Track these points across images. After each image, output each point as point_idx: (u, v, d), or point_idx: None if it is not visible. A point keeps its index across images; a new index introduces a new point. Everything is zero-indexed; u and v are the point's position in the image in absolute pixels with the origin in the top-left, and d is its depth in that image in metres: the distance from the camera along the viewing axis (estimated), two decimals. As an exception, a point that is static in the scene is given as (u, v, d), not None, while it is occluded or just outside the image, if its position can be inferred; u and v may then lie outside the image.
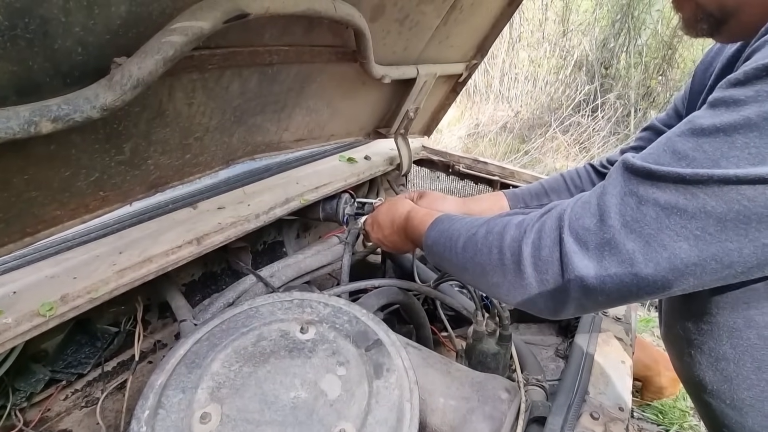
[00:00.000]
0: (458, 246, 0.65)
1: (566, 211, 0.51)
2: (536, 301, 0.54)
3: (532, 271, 0.52)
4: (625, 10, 5.17)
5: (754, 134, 0.38)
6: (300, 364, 0.65)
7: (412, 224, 0.82)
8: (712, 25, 0.53)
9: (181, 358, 0.64)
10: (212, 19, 0.56)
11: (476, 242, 0.62)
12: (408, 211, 0.86)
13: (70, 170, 0.62)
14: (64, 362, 0.82)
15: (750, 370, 0.56)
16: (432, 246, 0.73)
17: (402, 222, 0.86)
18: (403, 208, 0.88)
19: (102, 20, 0.51)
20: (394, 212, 0.89)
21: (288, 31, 0.79)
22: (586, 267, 0.47)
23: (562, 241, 0.49)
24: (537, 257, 0.52)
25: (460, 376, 0.80)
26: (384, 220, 0.91)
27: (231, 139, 0.90)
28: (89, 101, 0.52)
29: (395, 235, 0.88)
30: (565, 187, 0.99)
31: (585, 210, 0.48)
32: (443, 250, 0.69)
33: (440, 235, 0.71)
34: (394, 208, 0.90)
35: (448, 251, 0.68)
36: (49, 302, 0.63)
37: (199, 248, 0.81)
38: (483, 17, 1.29)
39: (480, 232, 0.62)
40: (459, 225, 0.68)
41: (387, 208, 0.92)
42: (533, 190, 1.02)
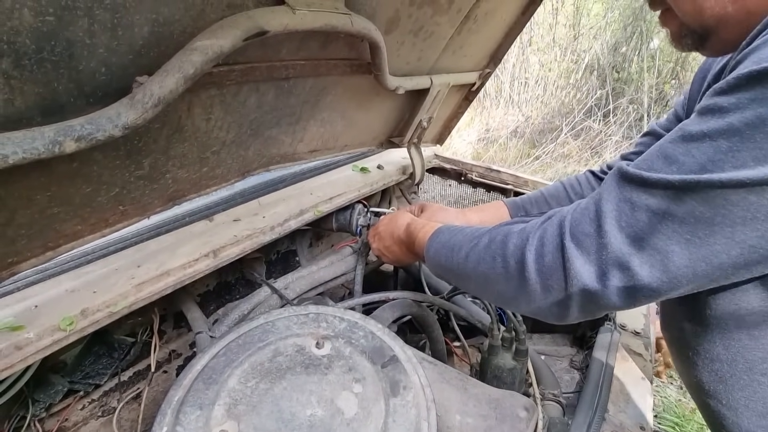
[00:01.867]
0: (460, 256, 0.66)
1: (566, 217, 0.52)
2: (541, 307, 0.55)
3: (536, 277, 0.53)
4: (637, 14, 5.11)
5: (736, 139, 0.40)
6: (316, 380, 0.65)
7: (413, 236, 0.84)
8: (696, 41, 0.55)
9: (198, 373, 0.64)
10: (232, 38, 0.57)
11: (479, 251, 0.63)
12: (408, 223, 0.88)
13: (92, 186, 0.63)
14: (82, 373, 0.83)
15: (742, 371, 0.57)
16: (434, 257, 0.74)
17: (401, 234, 0.88)
18: (403, 220, 0.90)
19: (125, 41, 0.52)
20: (393, 224, 0.92)
21: (305, 45, 0.79)
22: (587, 272, 0.48)
23: (564, 247, 0.50)
24: (541, 264, 0.53)
25: (477, 393, 0.78)
26: (384, 232, 0.94)
27: (247, 152, 0.91)
28: (111, 120, 0.52)
29: (395, 246, 0.91)
30: (565, 194, 1.01)
31: (584, 216, 0.50)
32: (445, 260, 0.70)
33: (442, 246, 0.72)
34: (394, 220, 0.93)
35: (450, 261, 0.69)
36: (70, 316, 0.63)
37: (215, 261, 0.81)
38: (496, 27, 1.29)
39: (482, 241, 0.63)
40: (460, 235, 0.70)
41: (388, 220, 0.96)
42: (533, 198, 1.04)
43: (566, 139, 5.18)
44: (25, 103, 0.48)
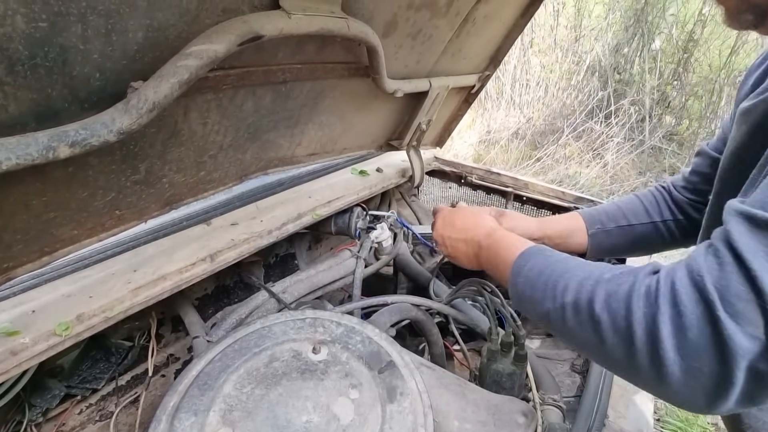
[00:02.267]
0: (564, 298, 0.53)
1: (703, 276, 0.41)
2: (680, 393, 0.43)
3: (674, 356, 0.41)
4: (638, 15, 5.10)
5: None
6: (312, 386, 0.64)
7: (494, 247, 0.72)
8: (758, 17, 0.51)
9: (193, 379, 0.63)
10: (227, 42, 0.57)
11: (591, 302, 0.49)
12: (492, 228, 0.76)
13: (88, 191, 0.63)
14: (80, 377, 0.83)
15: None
16: (523, 287, 0.61)
17: (480, 237, 0.76)
18: (486, 222, 0.79)
19: (119, 46, 0.52)
20: (473, 221, 0.81)
21: (301, 49, 0.79)
22: (758, 348, 0.38)
23: (718, 320, 0.39)
24: (682, 340, 0.41)
25: (476, 398, 0.78)
26: (459, 223, 0.83)
27: (245, 155, 0.91)
28: (106, 126, 0.52)
29: (464, 245, 0.80)
30: (643, 209, 0.92)
31: (729, 276, 0.40)
32: (541, 296, 0.57)
33: (538, 276, 0.59)
34: (477, 216, 0.82)
35: (548, 300, 0.55)
36: (65, 322, 0.63)
37: (212, 265, 0.81)
38: (496, 29, 1.28)
39: (598, 291, 0.49)
40: (561, 268, 0.57)
41: (470, 212, 0.85)
42: (610, 211, 0.94)
43: (568, 140, 5.17)
44: (19, 109, 0.48)
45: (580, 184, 4.58)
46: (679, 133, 5.15)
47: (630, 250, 0.96)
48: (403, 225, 1.35)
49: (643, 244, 0.92)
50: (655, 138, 4.85)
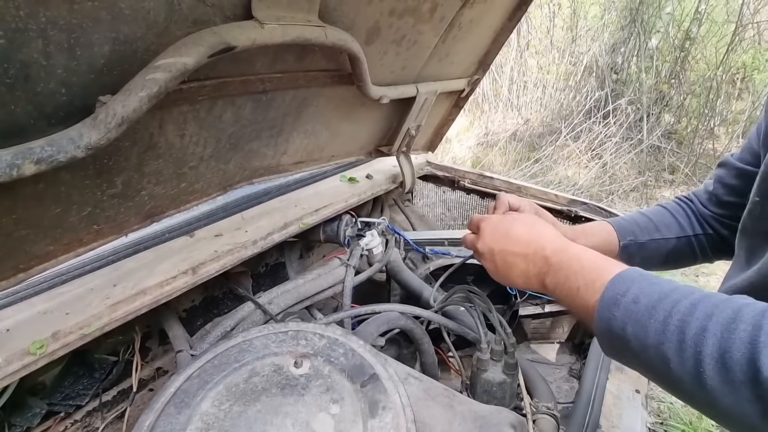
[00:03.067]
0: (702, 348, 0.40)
1: None
2: None
3: None
4: (634, 15, 5.10)
5: None
6: (292, 402, 0.63)
7: (566, 263, 0.57)
8: None
9: (170, 396, 0.62)
10: (196, 55, 0.56)
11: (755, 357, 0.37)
12: (562, 240, 0.61)
13: (61, 207, 0.62)
14: (62, 394, 0.82)
15: None
16: (621, 319, 0.47)
17: (547, 251, 0.60)
18: (552, 234, 0.63)
19: (85, 60, 0.51)
20: (539, 232, 0.64)
21: (280, 58, 0.78)
22: None
23: None
24: None
25: (464, 410, 0.76)
26: (518, 233, 0.65)
27: (227, 165, 0.90)
28: (73, 141, 0.51)
29: (523, 260, 0.63)
30: (676, 223, 0.87)
31: None
32: (654, 337, 0.44)
33: (647, 311, 0.45)
34: (540, 226, 0.65)
35: (667, 343, 0.43)
36: (40, 340, 0.62)
37: (194, 278, 0.80)
38: (483, 33, 1.27)
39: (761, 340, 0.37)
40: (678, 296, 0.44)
41: (530, 221, 0.67)
42: (641, 223, 0.88)
43: (566, 141, 5.16)
44: (-18, 126, 0.48)
45: (579, 185, 4.57)
46: (677, 131, 5.12)
47: (660, 264, 0.90)
48: (394, 231, 1.33)
49: (674, 258, 0.88)
50: (653, 137, 4.84)
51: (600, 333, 0.50)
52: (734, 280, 0.65)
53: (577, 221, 1.48)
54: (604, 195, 4.48)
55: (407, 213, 1.66)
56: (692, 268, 3.46)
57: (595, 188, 4.57)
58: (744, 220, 0.68)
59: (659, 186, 4.61)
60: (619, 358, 0.51)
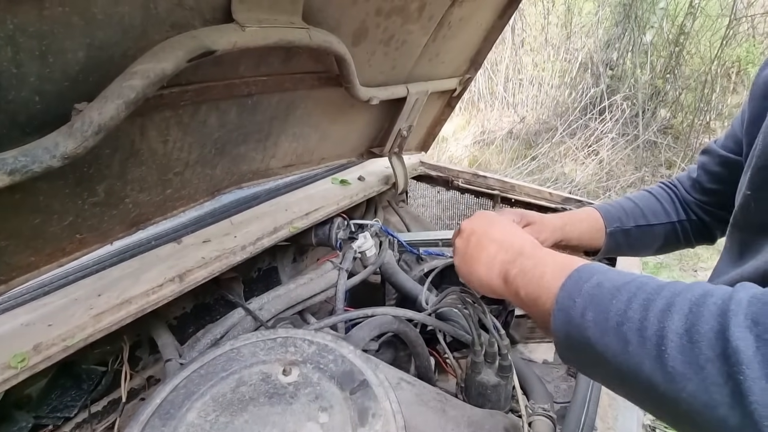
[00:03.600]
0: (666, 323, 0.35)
1: None
2: None
3: None
4: (628, 10, 5.10)
5: None
6: (280, 411, 0.62)
7: (540, 254, 0.54)
8: None
9: (156, 408, 0.61)
10: (174, 60, 0.55)
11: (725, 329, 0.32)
12: (525, 242, 0.57)
13: (40, 217, 0.61)
14: (49, 407, 0.80)
15: None
16: (577, 325, 0.42)
17: (518, 242, 0.57)
18: (529, 237, 0.59)
19: (59, 68, 0.50)
20: (517, 228, 0.63)
21: (264, 61, 0.77)
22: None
23: None
24: None
25: (456, 415, 0.75)
26: (496, 220, 0.63)
27: (214, 170, 0.89)
28: (48, 151, 0.50)
29: (493, 243, 0.60)
30: (662, 208, 0.87)
31: None
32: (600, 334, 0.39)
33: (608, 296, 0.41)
34: (510, 231, 0.61)
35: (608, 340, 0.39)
36: (21, 353, 0.61)
37: (181, 285, 0.79)
38: (473, 32, 1.26)
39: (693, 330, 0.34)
40: (638, 282, 0.40)
41: (502, 228, 0.62)
42: (627, 209, 0.87)
43: (562, 138, 5.16)
44: (-48, 137, 0.46)
45: (576, 182, 4.56)
46: (673, 126, 5.13)
47: (645, 250, 0.91)
48: (388, 233, 1.32)
49: (659, 244, 0.88)
50: (649, 132, 4.84)
51: (557, 325, 0.44)
52: (727, 275, 0.64)
53: (571, 219, 1.48)
54: (602, 191, 4.48)
55: (401, 214, 1.65)
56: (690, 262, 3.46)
57: (593, 185, 4.57)
58: (735, 214, 0.67)
59: (656, 181, 4.60)
60: (576, 354, 0.44)
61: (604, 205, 0.90)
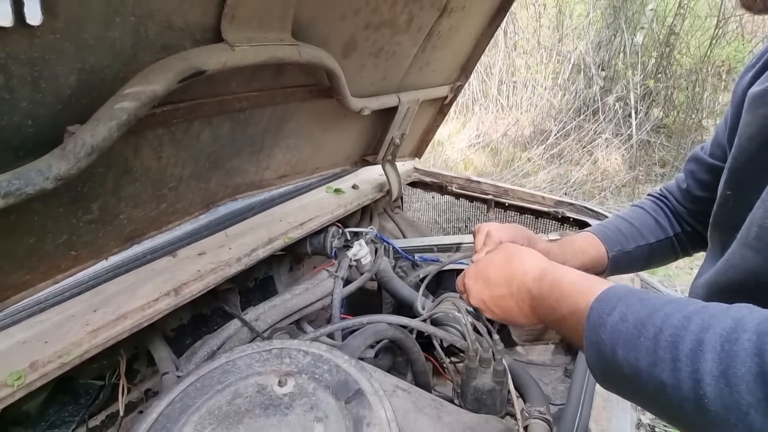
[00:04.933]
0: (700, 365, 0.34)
1: None
2: None
3: None
4: (618, 12, 5.15)
5: None
6: (276, 422, 0.62)
7: (547, 291, 0.54)
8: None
9: (152, 423, 0.62)
10: (165, 81, 0.56)
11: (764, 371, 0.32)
12: (540, 267, 0.59)
13: (35, 236, 0.62)
14: (47, 423, 0.81)
15: None
16: (608, 341, 0.41)
17: (528, 283, 0.58)
18: (530, 262, 0.61)
19: (51, 92, 0.51)
20: (514, 266, 0.62)
21: (256, 77, 0.78)
22: None
23: None
24: None
25: (451, 421, 0.76)
26: (497, 276, 0.63)
27: (208, 184, 0.90)
28: (42, 173, 0.51)
29: (512, 300, 0.61)
30: (657, 225, 0.87)
31: None
32: (646, 357, 0.38)
33: (636, 329, 0.40)
34: (515, 259, 0.63)
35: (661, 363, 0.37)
36: (18, 371, 0.61)
37: (177, 299, 0.80)
38: (463, 40, 1.28)
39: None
40: (668, 310, 0.39)
41: (504, 258, 0.65)
42: (625, 231, 0.86)
43: (556, 139, 5.19)
44: (-53, 162, 0.47)
45: (571, 182, 4.59)
46: (666, 125, 5.17)
47: (644, 266, 0.91)
48: (383, 240, 1.33)
49: (657, 259, 0.89)
50: (642, 132, 4.87)
51: (591, 361, 0.45)
52: (707, 273, 0.66)
53: (564, 222, 1.49)
54: (597, 191, 4.50)
55: (397, 221, 1.66)
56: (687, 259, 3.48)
57: (588, 185, 4.59)
58: (715, 214, 0.69)
59: (650, 180, 4.64)
60: (616, 388, 0.44)
61: (602, 228, 0.89)
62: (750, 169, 0.59)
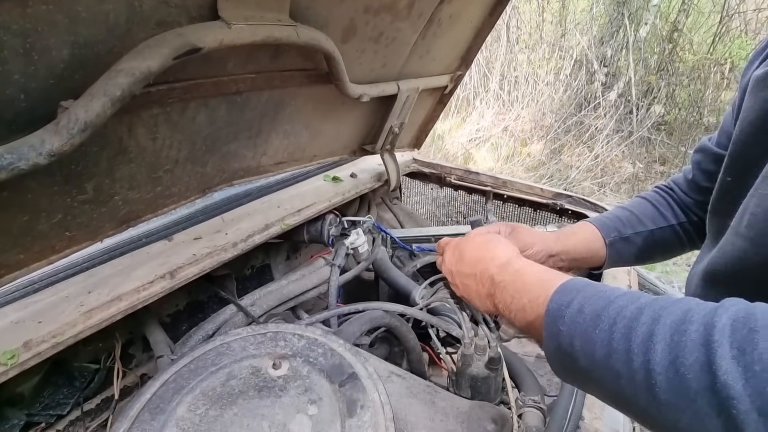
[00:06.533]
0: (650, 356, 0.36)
1: None
2: None
3: None
4: (621, 8, 5.12)
5: None
6: (269, 404, 0.62)
7: (509, 281, 0.55)
8: None
9: (145, 403, 0.61)
10: (160, 57, 0.55)
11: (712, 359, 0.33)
12: (506, 257, 0.59)
13: (29, 215, 0.61)
14: (41, 404, 0.81)
15: None
16: (566, 333, 0.43)
17: (491, 269, 0.59)
18: (500, 251, 0.61)
19: (43, 65, 0.50)
20: (485, 251, 0.63)
21: (253, 59, 0.77)
22: None
23: None
24: None
25: (445, 406, 0.76)
26: (469, 255, 0.65)
27: (205, 168, 0.89)
28: (35, 148, 0.51)
29: (473, 280, 0.62)
30: (658, 213, 0.86)
31: None
32: (602, 348, 0.40)
33: (593, 321, 0.41)
34: (490, 244, 0.64)
35: (615, 354, 0.38)
36: (11, 350, 0.61)
37: (172, 282, 0.79)
38: (464, 29, 1.27)
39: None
40: (624, 301, 0.41)
41: (481, 242, 0.67)
42: (623, 217, 0.86)
43: (557, 134, 5.18)
44: (-63, 135, 0.47)
45: (571, 178, 4.58)
46: (667, 122, 5.16)
47: (649, 257, 0.88)
48: (380, 230, 1.33)
49: (662, 249, 0.86)
50: (643, 129, 4.86)
51: (550, 353, 0.45)
52: (703, 263, 0.65)
53: (563, 214, 1.49)
54: (597, 188, 4.50)
55: (395, 211, 1.65)
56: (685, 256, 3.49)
57: (588, 181, 4.59)
58: (713, 202, 0.68)
59: (650, 177, 4.63)
60: (573, 379, 0.45)
61: (600, 217, 0.88)
62: (750, 154, 0.59)
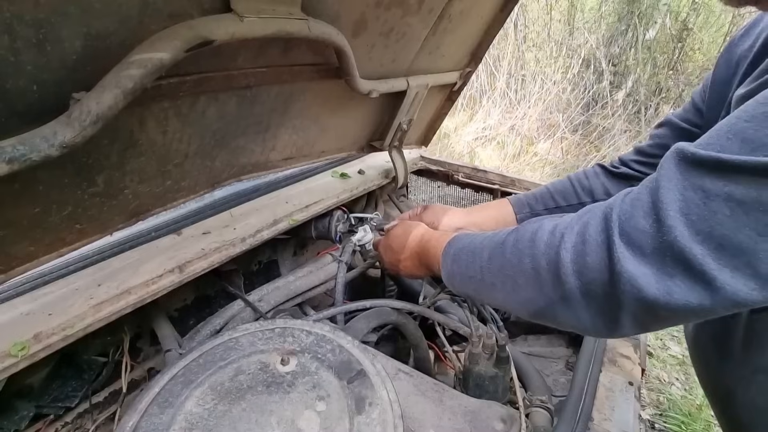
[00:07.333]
0: (482, 259, 0.59)
1: (613, 209, 0.44)
2: (580, 317, 0.47)
3: (574, 280, 0.45)
4: (631, 6, 5.06)
5: None
6: (278, 399, 0.62)
7: (427, 247, 0.77)
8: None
9: (154, 396, 0.61)
10: (172, 49, 0.55)
11: (504, 253, 0.55)
12: (422, 234, 0.81)
13: (40, 206, 0.61)
14: (51, 396, 0.81)
15: None
16: (451, 266, 0.67)
17: (415, 246, 0.81)
18: (417, 231, 0.83)
19: (56, 56, 0.50)
20: (406, 236, 0.84)
21: (263, 52, 0.77)
22: (643, 275, 0.40)
23: (612, 244, 0.42)
24: (581, 264, 0.44)
25: (453, 405, 0.76)
26: (397, 245, 0.85)
27: (214, 162, 0.89)
28: (47, 140, 0.50)
29: (409, 260, 0.83)
30: (572, 189, 0.93)
31: (636, 208, 0.42)
32: (465, 267, 0.63)
33: (460, 252, 0.65)
34: (406, 231, 0.85)
35: (470, 268, 0.61)
36: (21, 342, 0.61)
37: (180, 276, 0.79)
38: (474, 25, 1.26)
39: (507, 240, 0.55)
40: (481, 238, 0.63)
41: (401, 231, 0.87)
42: (538, 194, 0.97)
43: (564, 134, 5.14)
44: (-49, 125, 0.47)
45: (578, 178, 4.54)
46: (676, 122, 5.09)
47: None
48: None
49: None
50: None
51: (446, 275, 0.69)
52: None
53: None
54: (603, 188, 4.46)
55: (402, 208, 1.65)
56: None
57: (594, 181, 4.55)
58: None
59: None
60: (458, 288, 0.68)
61: (518, 195, 1.00)
62: None
